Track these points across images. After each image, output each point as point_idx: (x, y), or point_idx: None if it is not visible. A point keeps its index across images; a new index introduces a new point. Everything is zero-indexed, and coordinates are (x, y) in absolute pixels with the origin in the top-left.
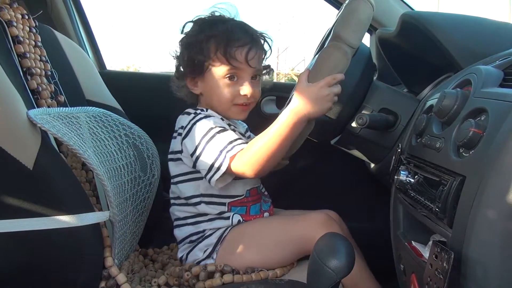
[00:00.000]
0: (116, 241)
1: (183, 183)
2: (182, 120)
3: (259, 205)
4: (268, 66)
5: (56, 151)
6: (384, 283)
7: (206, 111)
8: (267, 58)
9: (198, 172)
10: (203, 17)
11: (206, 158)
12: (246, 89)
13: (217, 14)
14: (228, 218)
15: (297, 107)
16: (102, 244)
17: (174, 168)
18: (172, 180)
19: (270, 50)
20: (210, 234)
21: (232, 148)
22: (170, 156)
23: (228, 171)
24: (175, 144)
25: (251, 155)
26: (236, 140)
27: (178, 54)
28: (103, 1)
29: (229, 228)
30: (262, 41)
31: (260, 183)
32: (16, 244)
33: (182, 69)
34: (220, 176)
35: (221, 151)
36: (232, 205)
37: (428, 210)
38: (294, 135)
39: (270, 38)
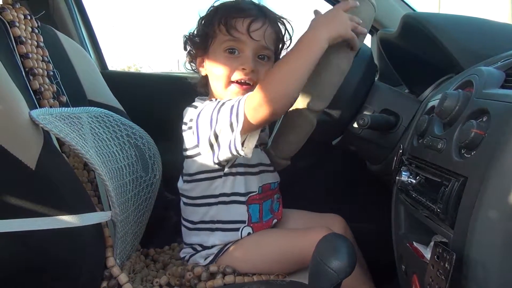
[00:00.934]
0: (118, 241)
1: (202, 181)
2: (190, 112)
3: (270, 202)
4: None
5: (58, 151)
6: (385, 284)
7: (214, 100)
8: (285, 48)
9: (217, 170)
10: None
11: (223, 122)
12: (245, 62)
13: None
14: (237, 229)
15: (312, 28)
16: (104, 244)
17: (191, 165)
18: (187, 178)
19: (289, 40)
20: (213, 246)
21: (243, 96)
22: (186, 153)
23: (246, 117)
24: (188, 139)
25: (266, 84)
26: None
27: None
28: (104, 1)
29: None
30: (283, 29)
31: (275, 180)
32: (18, 243)
33: (192, 48)
34: (242, 129)
35: (232, 106)
36: (249, 203)
37: (430, 211)
38: (311, 58)
39: (289, 24)
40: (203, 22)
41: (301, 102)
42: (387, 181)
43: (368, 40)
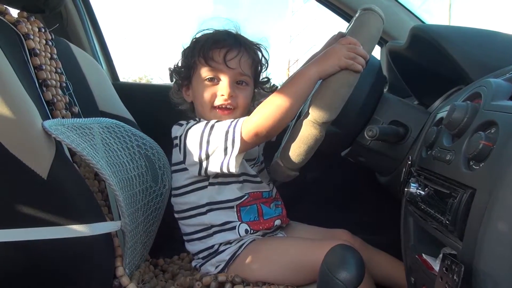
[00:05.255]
0: (127, 251)
1: (189, 193)
2: (175, 130)
3: (271, 205)
4: (268, 79)
5: (70, 161)
6: None
7: (199, 120)
8: (263, 71)
9: (203, 180)
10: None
11: (215, 146)
12: (223, 89)
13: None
14: (234, 228)
15: (306, 64)
16: (113, 253)
17: (179, 178)
18: (176, 192)
19: (266, 63)
20: (223, 250)
21: (236, 122)
22: (173, 168)
23: (242, 141)
24: (176, 155)
25: (261, 113)
26: (236, 119)
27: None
28: (116, 14)
29: (243, 246)
30: (259, 54)
31: (267, 189)
32: (28, 252)
33: (178, 78)
34: (238, 152)
35: (227, 131)
36: (240, 205)
37: (439, 223)
38: (300, 89)
39: (264, 49)
40: (185, 54)
41: (310, 114)
42: (396, 193)
43: (377, 52)
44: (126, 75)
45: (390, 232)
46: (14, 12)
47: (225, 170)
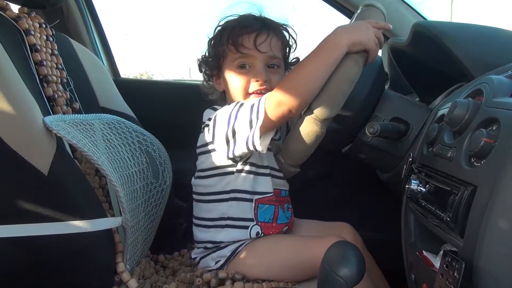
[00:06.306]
0: (128, 247)
1: (215, 177)
2: (208, 113)
3: (285, 207)
4: (298, 59)
5: (71, 157)
6: None
7: None
8: (293, 51)
9: (230, 166)
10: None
11: (242, 120)
12: (257, 75)
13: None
14: (247, 227)
15: (334, 32)
16: (114, 249)
17: (205, 160)
18: (200, 174)
19: (295, 43)
20: (225, 246)
21: (263, 97)
22: (199, 150)
23: (267, 113)
24: (204, 137)
25: (287, 83)
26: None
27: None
28: (117, 10)
29: (244, 244)
30: (286, 34)
31: (285, 188)
32: (29, 248)
33: (207, 69)
34: (262, 125)
35: (252, 105)
36: (260, 202)
37: (439, 220)
38: (328, 60)
39: (292, 29)
40: (212, 43)
41: (311, 110)
42: (397, 190)
43: None
44: (127, 71)
45: (391, 229)
46: (15, 8)
47: (251, 147)
